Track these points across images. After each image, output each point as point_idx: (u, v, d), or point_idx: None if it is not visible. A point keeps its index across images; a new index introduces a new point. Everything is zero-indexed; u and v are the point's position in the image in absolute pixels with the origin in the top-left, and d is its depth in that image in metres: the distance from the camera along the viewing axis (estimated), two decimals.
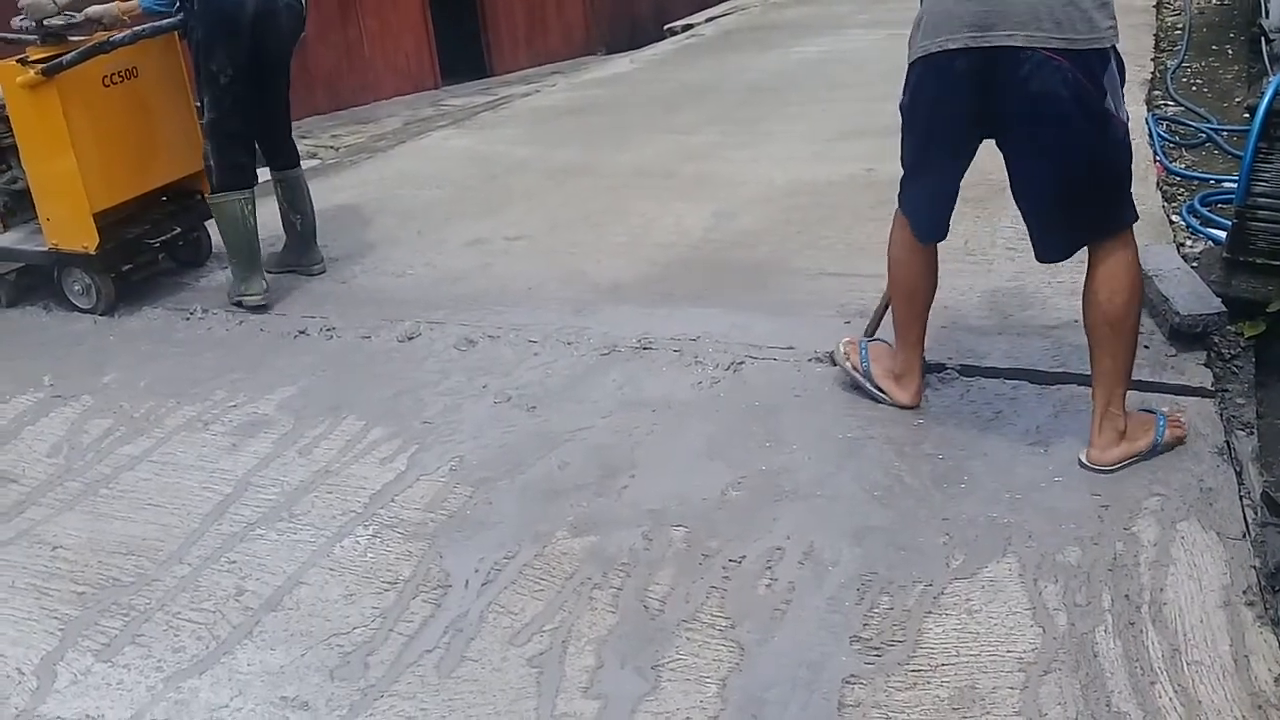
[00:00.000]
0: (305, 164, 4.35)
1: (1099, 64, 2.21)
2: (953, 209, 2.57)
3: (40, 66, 3.43)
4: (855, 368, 2.80)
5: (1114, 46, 2.25)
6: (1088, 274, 2.41)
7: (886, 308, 2.96)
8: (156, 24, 3.61)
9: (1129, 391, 2.45)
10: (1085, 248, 2.41)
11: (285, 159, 4.04)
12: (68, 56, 3.43)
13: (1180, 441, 2.46)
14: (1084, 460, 2.42)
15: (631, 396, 2.94)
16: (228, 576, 2.32)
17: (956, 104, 2.34)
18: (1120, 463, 2.40)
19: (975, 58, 2.23)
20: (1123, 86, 2.28)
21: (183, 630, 2.16)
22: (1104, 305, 2.36)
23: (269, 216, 4.02)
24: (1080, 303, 2.44)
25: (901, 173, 2.61)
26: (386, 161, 6.04)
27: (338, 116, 8.10)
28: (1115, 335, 2.37)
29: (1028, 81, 2.20)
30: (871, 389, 2.76)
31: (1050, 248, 2.45)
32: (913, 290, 2.67)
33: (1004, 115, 2.30)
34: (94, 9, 3.69)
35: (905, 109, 2.48)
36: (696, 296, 3.58)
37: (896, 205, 2.65)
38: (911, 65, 2.40)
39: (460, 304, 3.68)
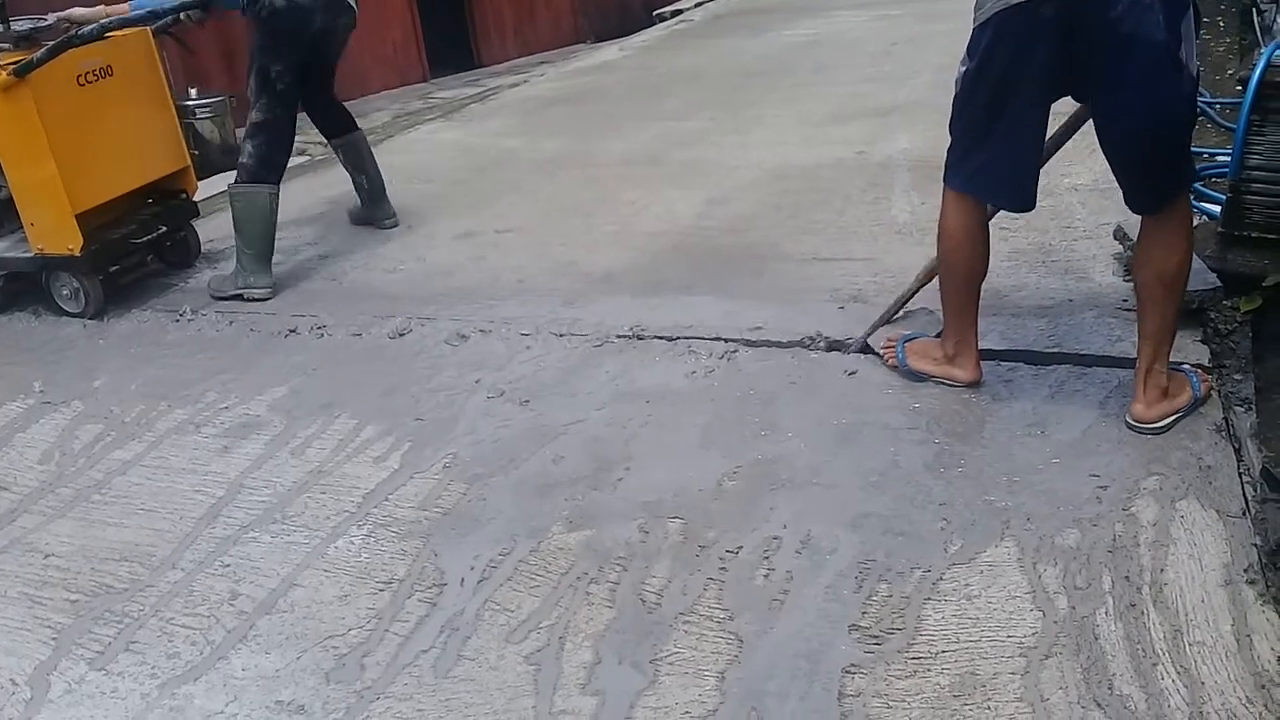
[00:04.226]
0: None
1: (1180, 9, 2.17)
2: (1037, 173, 2.48)
3: (11, 68, 3.39)
4: (900, 372, 2.78)
5: None
6: (1143, 234, 2.42)
7: (911, 296, 2.95)
8: (125, 17, 3.61)
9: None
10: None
11: (337, 125, 4.32)
12: (37, 55, 3.39)
13: (1212, 390, 2.52)
14: (1129, 420, 2.44)
15: (625, 388, 2.92)
16: (221, 580, 2.30)
17: (1042, 55, 2.25)
18: (1164, 419, 2.42)
19: (1063, 3, 2.17)
20: (1197, 37, 2.23)
21: (177, 636, 2.14)
22: (1160, 264, 2.38)
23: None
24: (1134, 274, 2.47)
25: (953, 152, 2.53)
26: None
27: None
28: (1168, 294, 2.39)
29: (1119, 23, 2.14)
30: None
31: (1139, 200, 2.42)
32: (973, 273, 2.64)
33: (1090, 63, 2.23)
34: (77, 11, 3.70)
35: (971, 75, 2.38)
36: (689, 285, 3.55)
37: (946, 190, 2.58)
38: (982, 26, 2.31)
39: (451, 299, 3.66)
